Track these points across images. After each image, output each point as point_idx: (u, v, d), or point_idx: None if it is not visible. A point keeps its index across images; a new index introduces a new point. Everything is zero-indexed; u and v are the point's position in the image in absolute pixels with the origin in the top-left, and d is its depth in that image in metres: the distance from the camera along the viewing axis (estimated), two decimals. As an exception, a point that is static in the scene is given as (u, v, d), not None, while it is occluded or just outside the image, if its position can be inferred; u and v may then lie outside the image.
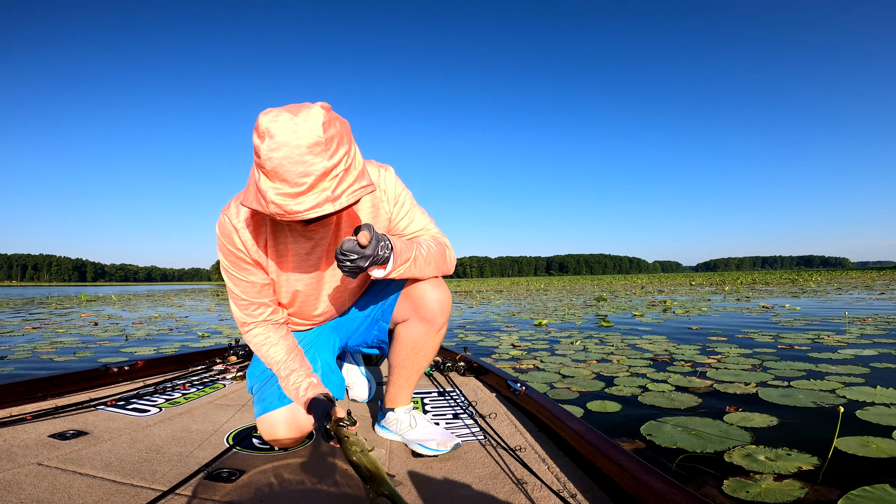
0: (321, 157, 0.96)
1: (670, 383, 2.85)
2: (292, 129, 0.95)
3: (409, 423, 1.51)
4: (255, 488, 1.16)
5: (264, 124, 0.96)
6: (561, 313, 7.99)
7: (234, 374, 2.48)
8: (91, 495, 1.09)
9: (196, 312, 10.16)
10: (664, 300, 10.58)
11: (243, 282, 1.33)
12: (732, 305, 8.77)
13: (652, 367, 3.32)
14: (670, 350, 3.99)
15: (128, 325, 7.44)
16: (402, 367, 1.52)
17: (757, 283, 20.53)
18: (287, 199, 0.98)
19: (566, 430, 1.38)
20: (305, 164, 0.95)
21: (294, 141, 0.94)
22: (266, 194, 0.98)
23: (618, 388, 2.77)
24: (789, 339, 4.42)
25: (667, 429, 2.07)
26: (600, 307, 9.18)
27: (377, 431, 1.65)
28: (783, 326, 5.39)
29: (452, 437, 1.44)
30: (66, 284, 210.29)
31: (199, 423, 1.68)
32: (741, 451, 1.78)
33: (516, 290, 21.31)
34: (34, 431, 1.51)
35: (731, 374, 3.05)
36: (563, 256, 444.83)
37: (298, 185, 0.96)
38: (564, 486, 1.16)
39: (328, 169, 0.97)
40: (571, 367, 3.41)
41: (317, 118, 0.96)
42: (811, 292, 12.54)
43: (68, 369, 2.31)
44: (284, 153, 0.95)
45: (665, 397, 2.58)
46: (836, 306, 8.04)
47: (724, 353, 3.75)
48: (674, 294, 13.62)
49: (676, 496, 0.91)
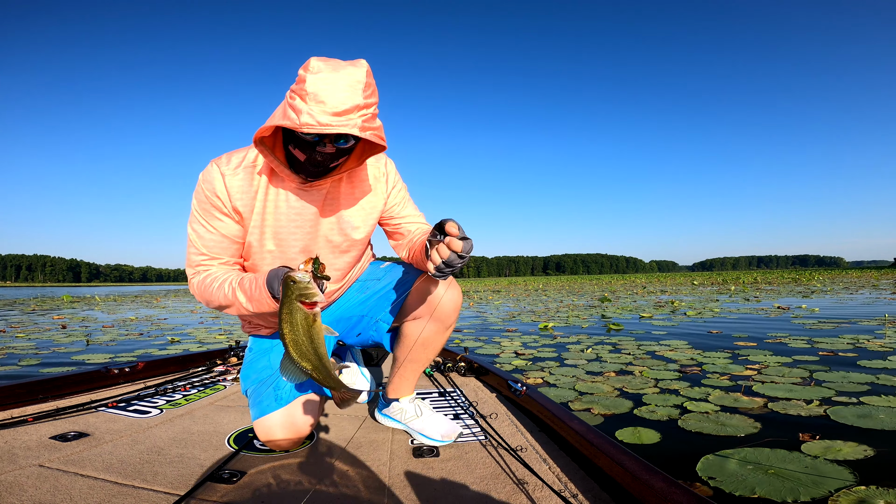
0: (358, 94, 1.09)
1: (712, 402, 2.34)
2: (339, 67, 1.09)
3: (414, 412, 1.53)
4: (256, 489, 1.15)
5: (315, 61, 1.09)
6: (564, 315, 7.48)
7: (235, 375, 2.44)
8: (92, 497, 1.09)
9: (177, 314, 9.60)
10: (671, 301, 10.08)
11: (209, 233, 1.31)
12: (745, 306, 8.28)
13: (683, 381, 2.81)
14: (696, 358, 3.47)
15: (98, 328, 6.89)
16: (410, 361, 1.53)
17: (759, 283, 20.09)
18: (321, 115, 1.07)
19: (567, 429, 1.36)
20: (344, 94, 1.07)
21: (338, 77, 1.08)
22: (300, 111, 1.07)
23: (649, 410, 2.26)
24: (826, 344, 3.93)
25: (732, 467, 1.56)
26: (605, 308, 8.67)
27: (379, 419, 1.66)
28: (811, 329, 4.90)
29: (456, 428, 1.50)
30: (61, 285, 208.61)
31: (200, 425, 1.66)
32: (850, 496, 1.32)
33: (514, 290, 20.78)
34: (35, 433, 1.50)
35: (781, 388, 2.54)
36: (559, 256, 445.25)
37: (334, 108, 1.07)
38: (566, 486, 1.15)
39: (360, 105, 1.09)
40: (587, 380, 2.89)
41: (362, 66, 1.11)
42: (819, 292, 12.08)
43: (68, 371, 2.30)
44: (329, 82, 1.07)
45: (712, 421, 2.07)
46: (854, 307, 7.58)
47: (761, 363, 3.24)
48: (678, 294, 13.14)
49: (678, 495, 0.89)
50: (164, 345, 5.03)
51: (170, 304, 14.34)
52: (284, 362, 1.04)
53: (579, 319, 6.70)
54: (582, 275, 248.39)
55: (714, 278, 31.92)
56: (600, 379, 2.92)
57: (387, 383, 1.64)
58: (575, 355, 3.76)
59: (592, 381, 2.85)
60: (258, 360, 1.55)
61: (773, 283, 20.68)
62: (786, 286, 16.36)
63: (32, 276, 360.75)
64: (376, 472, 1.26)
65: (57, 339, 5.63)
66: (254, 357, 1.58)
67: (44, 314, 10.00)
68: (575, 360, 3.54)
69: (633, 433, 1.98)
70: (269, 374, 1.47)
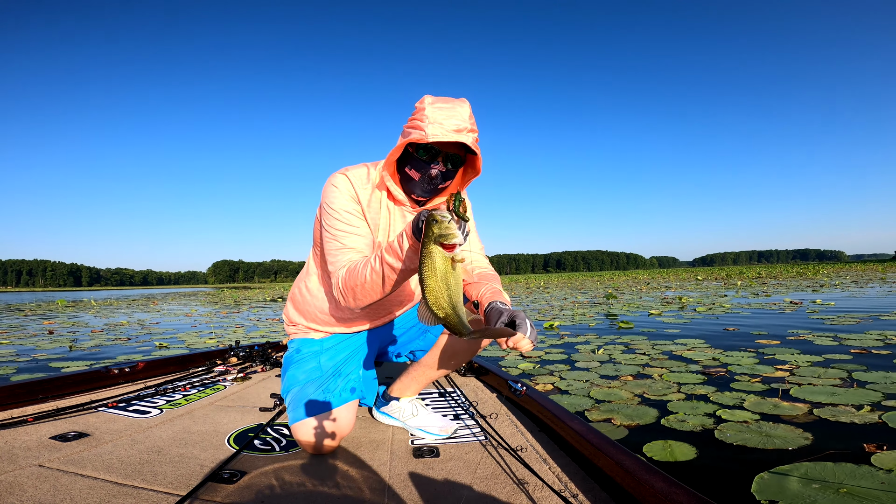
0: (468, 120, 1.29)
1: (748, 409, 2.09)
2: (450, 101, 1.30)
3: (411, 411, 1.57)
4: (257, 489, 1.14)
5: (430, 98, 1.30)
6: (569, 313, 7.22)
7: (235, 375, 2.39)
8: (92, 497, 1.08)
9: (170, 318, 9.34)
10: (678, 297, 9.82)
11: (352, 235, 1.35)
12: (755, 301, 8.02)
13: (710, 385, 2.55)
14: (719, 358, 3.22)
15: (86, 333, 6.64)
16: (428, 368, 1.59)
17: (764, 278, 19.79)
18: (443, 131, 1.25)
19: (567, 429, 1.34)
20: (458, 119, 1.27)
21: (452, 107, 1.28)
22: (426, 128, 1.25)
23: (678, 419, 2.00)
24: (854, 340, 3.67)
25: (795, 486, 1.33)
26: (611, 305, 8.41)
27: (377, 416, 1.69)
28: (833, 325, 4.64)
29: (453, 424, 1.54)
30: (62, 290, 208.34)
31: (200, 425, 1.65)
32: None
33: (515, 287, 20.49)
34: (35, 433, 1.49)
35: (822, 392, 2.28)
36: (560, 253, 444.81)
37: (452, 127, 1.26)
38: (566, 486, 1.14)
39: (469, 128, 1.28)
40: (602, 386, 2.63)
41: (466, 103, 1.32)
42: (828, 286, 11.82)
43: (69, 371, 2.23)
44: (445, 109, 1.27)
45: (754, 431, 1.82)
46: (869, 300, 7.32)
47: (790, 362, 2.99)
48: (683, 290, 12.87)
49: (678, 495, 0.88)
50: (151, 350, 4.77)
51: (166, 307, 14.08)
52: (421, 308, 1.02)
53: (585, 317, 6.45)
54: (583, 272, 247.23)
55: (717, 273, 31.59)
56: (617, 384, 2.66)
57: (391, 382, 1.68)
58: (585, 357, 3.50)
59: (609, 387, 2.60)
60: (307, 362, 1.56)
61: (777, 277, 20.40)
62: (792, 280, 16.09)
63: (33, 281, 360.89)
64: (376, 472, 1.26)
65: (41, 345, 5.38)
66: (303, 358, 1.57)
67: (36, 319, 9.76)
68: (586, 363, 3.28)
69: (664, 448, 1.73)
70: (319, 376, 1.49)
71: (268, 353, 2.75)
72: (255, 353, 2.73)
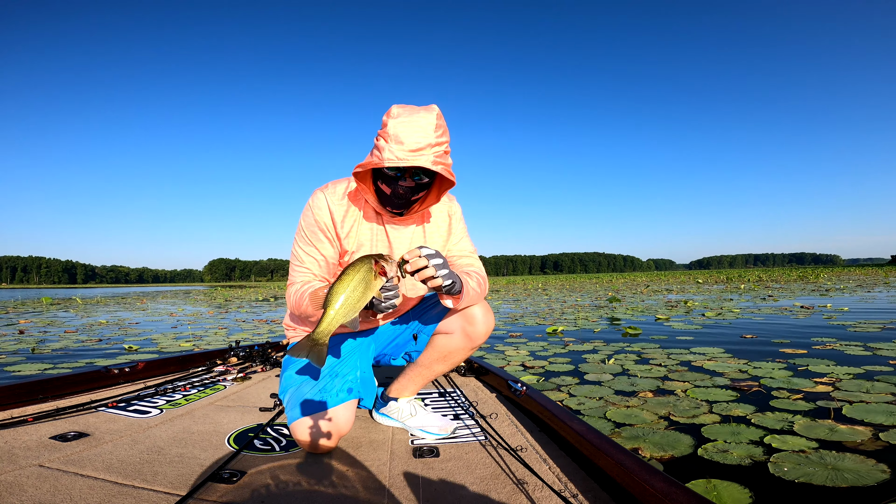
0: (430, 134, 1.29)
1: (801, 433, 1.75)
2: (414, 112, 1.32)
3: (409, 411, 1.60)
4: (256, 489, 1.13)
5: (395, 108, 1.33)
6: (572, 317, 6.87)
7: (235, 375, 2.37)
8: (92, 497, 1.07)
9: (152, 318, 8.94)
10: (683, 301, 9.48)
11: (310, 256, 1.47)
12: (764, 306, 7.69)
13: (745, 403, 2.20)
14: (747, 371, 2.87)
15: (59, 333, 6.25)
16: (424, 367, 1.61)
17: (765, 281, 19.47)
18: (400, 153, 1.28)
19: (567, 429, 1.32)
20: (418, 135, 1.28)
21: (413, 121, 1.29)
22: (383, 150, 1.29)
23: (718, 449, 1.65)
24: (886, 350, 3.34)
25: None
26: (614, 309, 8.06)
27: (376, 418, 1.70)
28: (856, 332, 4.31)
29: (452, 423, 1.57)
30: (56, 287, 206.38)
31: (200, 425, 1.64)
32: None
33: (513, 289, 20.12)
34: (35, 433, 1.47)
35: (879, 411, 1.94)
36: (557, 255, 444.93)
37: (410, 147, 1.28)
38: (566, 486, 1.13)
39: (431, 143, 1.29)
40: (619, 404, 2.28)
41: (433, 110, 1.33)
42: (834, 290, 11.51)
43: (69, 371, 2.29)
44: (405, 125, 1.29)
45: (817, 464, 1.47)
46: (881, 305, 7.02)
47: (828, 375, 2.65)
48: (685, 293, 12.55)
49: (678, 495, 0.87)
50: (118, 354, 4.39)
51: (153, 306, 13.65)
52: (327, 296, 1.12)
53: (589, 322, 6.10)
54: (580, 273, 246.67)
55: (717, 276, 31.26)
56: (635, 402, 2.31)
57: (390, 382, 1.68)
58: (595, 368, 3.15)
59: (627, 406, 2.24)
60: (304, 363, 1.56)
61: (778, 280, 20.12)
62: (794, 284, 15.78)
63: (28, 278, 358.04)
64: (376, 473, 1.25)
65: (3, 346, 5.00)
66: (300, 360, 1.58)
67: (15, 318, 9.34)
68: (597, 375, 2.92)
69: (708, 490, 1.38)
70: (315, 377, 1.50)
71: (268, 353, 2.73)
72: (255, 353, 2.71)
